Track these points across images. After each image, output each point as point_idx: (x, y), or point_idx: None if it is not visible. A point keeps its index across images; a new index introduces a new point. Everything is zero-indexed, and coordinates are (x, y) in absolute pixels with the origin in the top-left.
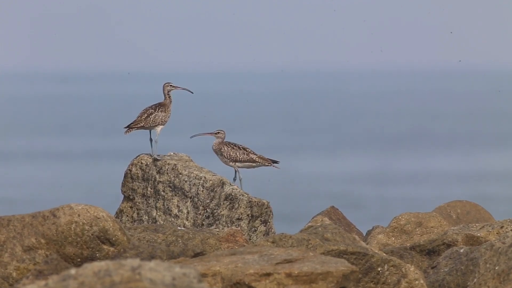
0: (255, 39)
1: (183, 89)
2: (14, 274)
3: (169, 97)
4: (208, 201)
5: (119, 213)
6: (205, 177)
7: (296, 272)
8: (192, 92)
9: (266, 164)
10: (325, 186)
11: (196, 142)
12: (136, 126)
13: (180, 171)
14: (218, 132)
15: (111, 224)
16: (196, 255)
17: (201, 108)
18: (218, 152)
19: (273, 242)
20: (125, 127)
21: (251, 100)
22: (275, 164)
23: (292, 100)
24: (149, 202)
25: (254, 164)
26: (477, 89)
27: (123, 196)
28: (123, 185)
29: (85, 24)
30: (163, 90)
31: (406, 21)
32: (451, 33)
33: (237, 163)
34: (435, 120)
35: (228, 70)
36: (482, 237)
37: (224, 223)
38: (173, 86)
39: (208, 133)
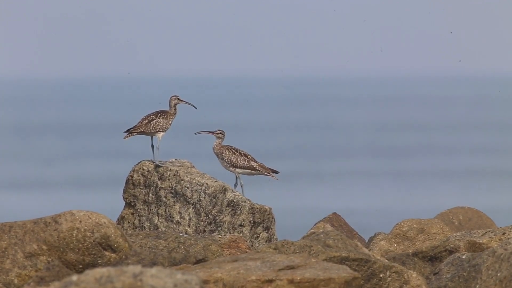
0: (254, 39)
1: (188, 103)
2: (16, 281)
3: (175, 109)
4: (210, 207)
5: (121, 219)
6: (207, 184)
7: (298, 279)
8: (196, 108)
9: (266, 173)
10: (327, 189)
11: (198, 147)
12: (136, 131)
13: (182, 177)
14: (220, 132)
15: (112, 231)
16: (198, 261)
17: (200, 111)
18: (219, 155)
19: (275, 249)
20: (125, 132)
21: (251, 102)
22: (274, 174)
23: (291, 103)
24: (151, 208)
25: (254, 172)
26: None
27: (124, 202)
28: (125, 191)
29: (84, 28)
30: (170, 102)
31: (406, 21)
32: (451, 33)
33: (237, 169)
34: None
35: (228, 72)
36: (484, 244)
37: (226, 229)
38: (180, 100)
39: (210, 132)
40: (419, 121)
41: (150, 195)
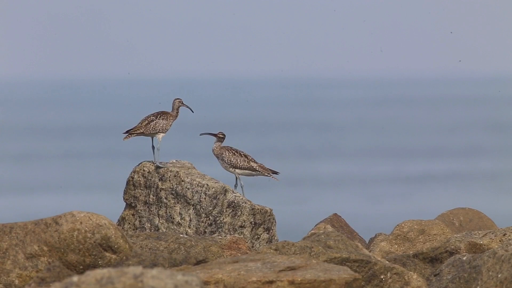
0: (254, 39)
1: (188, 107)
2: (17, 282)
3: (177, 112)
4: (211, 208)
5: (121, 220)
6: (207, 185)
7: (299, 280)
8: (192, 112)
9: (266, 174)
10: (327, 190)
11: (198, 147)
12: (136, 132)
13: (182, 178)
14: (223, 135)
15: (113, 232)
16: (198, 262)
17: (200, 111)
18: (219, 156)
19: (276, 250)
20: (125, 133)
21: (251, 102)
22: (274, 175)
23: (290, 103)
24: (152, 209)
25: (254, 172)
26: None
27: (125, 203)
28: (125, 192)
29: (84, 28)
30: (173, 104)
31: (406, 21)
32: (451, 33)
33: (237, 170)
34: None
35: (228, 73)
36: (484, 245)
37: (226, 230)
38: (182, 103)
39: (214, 134)
40: (419, 121)
41: (151, 196)
